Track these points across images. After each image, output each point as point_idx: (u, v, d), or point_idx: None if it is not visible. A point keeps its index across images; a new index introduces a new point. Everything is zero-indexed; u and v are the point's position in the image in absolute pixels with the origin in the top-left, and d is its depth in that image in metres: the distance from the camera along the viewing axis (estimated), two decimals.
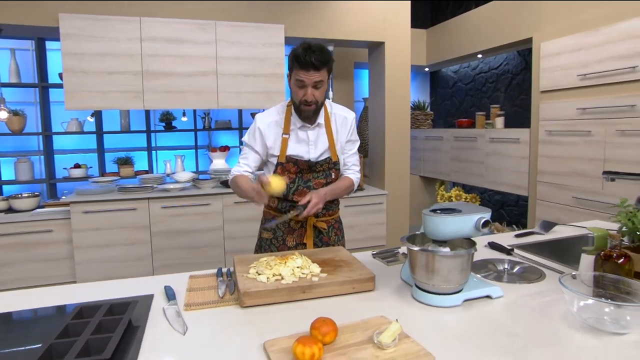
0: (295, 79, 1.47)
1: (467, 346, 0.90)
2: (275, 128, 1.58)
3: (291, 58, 1.46)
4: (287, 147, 1.57)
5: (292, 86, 1.51)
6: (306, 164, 1.57)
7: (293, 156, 1.57)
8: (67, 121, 3.63)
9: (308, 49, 1.42)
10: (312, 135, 1.59)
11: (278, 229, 1.65)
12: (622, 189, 2.57)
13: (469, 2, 4.55)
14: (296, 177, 1.59)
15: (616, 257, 1.07)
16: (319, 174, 1.61)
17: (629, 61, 2.53)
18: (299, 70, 1.44)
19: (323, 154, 1.61)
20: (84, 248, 2.94)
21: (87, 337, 0.89)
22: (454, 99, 5.20)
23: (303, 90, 1.47)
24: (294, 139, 1.57)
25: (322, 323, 0.88)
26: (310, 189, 1.59)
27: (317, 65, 1.42)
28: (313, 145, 1.58)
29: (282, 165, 1.58)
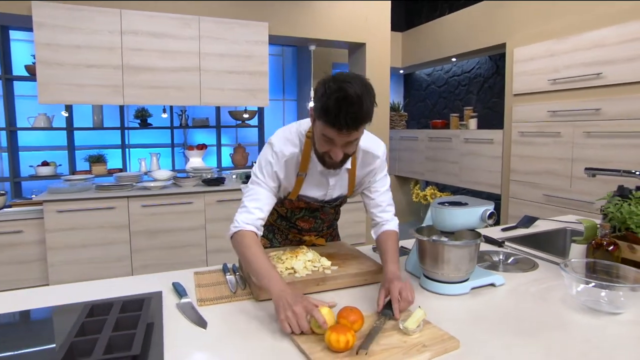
0: (321, 132, 1.07)
1: (483, 330, 0.95)
2: (291, 162, 1.22)
3: (319, 104, 1.03)
4: (300, 187, 1.28)
5: (317, 134, 1.10)
6: (319, 205, 1.35)
7: (306, 197, 1.31)
8: (34, 116, 3.43)
9: (344, 101, 0.98)
10: (332, 180, 1.28)
11: (275, 238, 1.48)
12: (589, 187, 2.76)
13: (444, 7, 4.73)
14: (303, 209, 1.39)
15: (606, 245, 1.16)
16: (326, 208, 1.39)
17: (595, 68, 2.73)
18: (327, 125, 1.03)
19: (339, 196, 1.36)
20: (58, 249, 2.79)
21: (109, 335, 0.86)
22: (427, 101, 5.37)
23: (329, 146, 1.09)
24: (310, 181, 1.27)
25: (350, 312, 0.90)
26: (317, 218, 1.41)
27: (354, 126, 1.01)
28: (332, 190, 1.31)
29: (290, 201, 1.33)
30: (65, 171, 3.64)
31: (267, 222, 1.44)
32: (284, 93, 4.81)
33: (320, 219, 1.43)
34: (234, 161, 4.24)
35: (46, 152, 3.69)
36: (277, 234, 1.50)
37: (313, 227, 1.45)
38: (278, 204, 1.36)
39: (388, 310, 0.96)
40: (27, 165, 3.51)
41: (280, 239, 1.50)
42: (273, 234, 1.51)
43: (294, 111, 4.91)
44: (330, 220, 1.50)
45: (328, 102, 0.99)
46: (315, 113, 1.06)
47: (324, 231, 1.52)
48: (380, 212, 1.31)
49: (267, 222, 1.38)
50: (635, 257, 1.14)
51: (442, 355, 0.84)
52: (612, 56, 2.62)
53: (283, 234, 1.49)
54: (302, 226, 1.43)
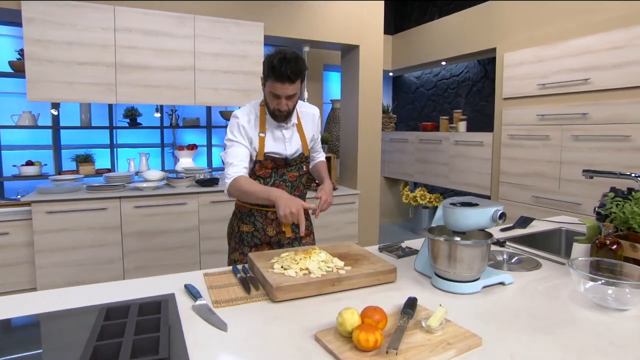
0: (269, 90, 1.48)
1: (499, 327, 0.97)
2: (253, 125, 1.58)
3: (266, 66, 1.46)
4: (264, 146, 1.58)
5: (267, 94, 1.52)
6: (283, 161, 1.63)
7: (271, 154, 1.60)
8: (18, 114, 3.32)
9: (283, 59, 1.41)
10: (287, 134, 1.63)
11: (257, 220, 1.66)
12: (576, 188, 2.86)
13: (433, 11, 4.81)
14: (272, 172, 1.63)
15: (609, 244, 1.21)
16: (292, 167, 1.67)
17: (582, 74, 2.83)
18: (274, 81, 1.44)
19: (297, 151, 1.67)
20: (47, 251, 2.71)
21: (132, 338, 0.85)
22: (416, 104, 5.45)
23: (277, 100, 1.49)
24: (270, 137, 1.60)
25: (374, 311, 0.91)
26: (286, 182, 1.66)
27: (293, 77, 1.43)
28: (289, 143, 1.63)
29: (260, 163, 1.60)
30: (51, 171, 3.54)
31: (246, 207, 1.67)
32: None
33: (289, 182, 1.66)
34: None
35: (30, 151, 3.57)
36: (257, 216, 1.66)
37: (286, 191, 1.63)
38: (252, 176, 1.61)
39: (409, 310, 0.98)
40: (9, 165, 3.40)
41: (262, 220, 1.66)
42: (254, 218, 1.67)
43: None
44: (298, 187, 1.71)
45: (273, 61, 1.42)
46: (263, 76, 1.49)
47: None
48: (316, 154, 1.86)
49: (246, 207, 1.67)
50: (637, 255, 1.19)
51: (466, 352, 0.86)
52: (599, 63, 2.73)
53: (262, 213, 1.66)
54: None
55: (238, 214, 1.73)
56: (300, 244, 1.73)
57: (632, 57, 2.55)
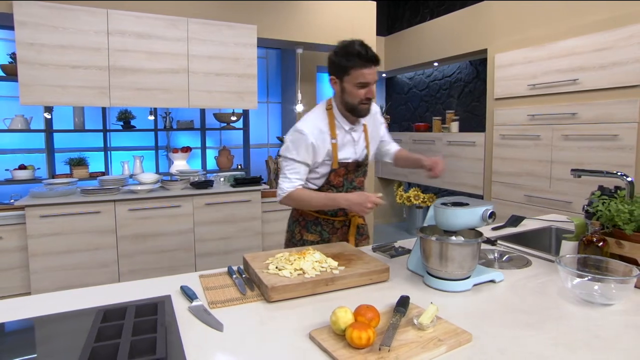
0: (357, 80, 1.41)
1: (490, 324, 1.00)
2: (325, 136, 1.52)
3: (346, 58, 1.40)
4: (337, 153, 1.54)
5: (350, 87, 1.44)
6: (354, 165, 1.59)
7: (343, 160, 1.56)
8: (11, 118, 3.30)
9: (363, 45, 1.40)
10: (355, 136, 1.59)
11: (323, 230, 1.65)
12: (567, 187, 2.91)
13: (425, 13, 4.85)
14: (344, 180, 1.60)
15: (596, 241, 1.24)
16: (359, 172, 1.64)
17: (571, 74, 2.87)
18: (361, 68, 1.39)
19: (363, 152, 1.63)
20: (41, 255, 2.70)
21: (130, 339, 0.86)
22: (409, 104, 5.49)
23: (366, 89, 1.44)
24: (341, 143, 1.55)
25: (367, 309, 0.93)
26: (355, 188, 1.63)
27: (378, 59, 1.41)
28: (357, 145, 1.60)
29: (334, 172, 1.56)
30: (44, 175, 3.52)
31: (312, 216, 1.65)
32: (268, 95, 4.81)
33: (357, 189, 1.64)
34: (218, 164, 4.21)
35: (23, 155, 3.55)
36: (324, 225, 1.66)
37: None
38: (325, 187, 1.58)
39: (402, 308, 1.00)
40: (2, 169, 3.38)
41: (328, 229, 1.66)
42: (320, 227, 1.66)
43: (279, 114, 4.92)
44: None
45: (355, 49, 1.38)
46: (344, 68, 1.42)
47: None
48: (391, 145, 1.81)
49: (312, 216, 1.65)
50: (623, 251, 1.22)
51: (457, 348, 0.88)
52: (586, 63, 2.78)
53: (329, 222, 1.66)
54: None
55: (302, 222, 1.68)
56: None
57: (617, 58, 2.60)
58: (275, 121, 4.91)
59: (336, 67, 1.45)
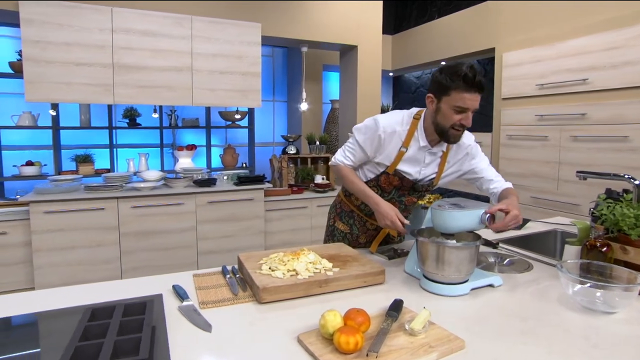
0: (455, 103, 1.30)
1: (485, 330, 0.97)
2: (395, 139, 1.45)
3: (451, 77, 1.29)
4: (399, 161, 1.46)
5: (447, 109, 1.33)
6: (410, 183, 1.51)
7: (402, 172, 1.48)
8: (18, 114, 3.34)
9: (473, 68, 1.27)
10: (427, 159, 1.48)
11: (354, 224, 1.65)
12: (575, 189, 2.84)
13: (432, 12, 4.79)
14: (393, 190, 1.53)
15: (600, 246, 1.20)
16: (415, 193, 1.56)
17: (580, 74, 2.81)
18: (463, 92, 1.28)
19: (428, 177, 1.52)
20: (45, 251, 2.72)
21: (114, 339, 0.85)
22: (416, 103, 5.44)
23: (462, 114, 1.33)
24: (409, 156, 1.46)
25: (357, 313, 0.91)
26: (402, 204, 1.56)
27: (484, 87, 1.30)
28: (424, 168, 1.49)
29: (387, 175, 1.50)
30: (51, 171, 3.55)
31: (349, 207, 1.65)
32: (274, 94, 4.80)
33: (404, 205, 1.57)
34: (223, 162, 4.21)
35: (30, 152, 3.59)
36: (356, 220, 1.65)
37: None
38: (372, 182, 1.53)
39: (394, 312, 0.97)
40: (9, 165, 3.42)
41: (359, 226, 1.65)
42: (353, 220, 1.65)
43: (284, 112, 4.91)
44: (409, 211, 1.64)
45: (462, 70, 1.27)
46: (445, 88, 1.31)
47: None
48: (493, 184, 1.55)
49: (348, 207, 1.65)
50: (628, 257, 1.18)
51: (448, 355, 0.85)
52: (597, 63, 2.70)
53: (362, 220, 1.64)
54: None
55: (338, 209, 1.69)
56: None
57: (628, 58, 2.53)
58: (281, 120, 4.90)
59: (437, 86, 1.35)
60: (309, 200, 3.54)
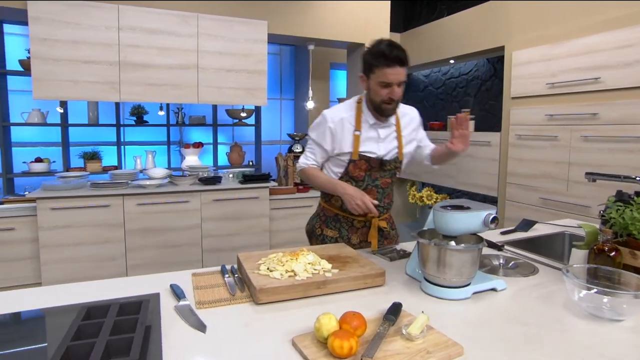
0: (379, 79, 1.43)
1: (485, 336, 0.94)
2: (345, 124, 1.55)
3: (372, 56, 1.43)
4: (359, 144, 1.55)
5: (374, 86, 1.47)
6: (377, 161, 1.58)
7: (365, 153, 1.56)
8: (28, 112, 3.38)
9: (391, 45, 1.40)
10: (382, 133, 1.59)
11: (342, 227, 1.66)
12: (586, 191, 2.78)
13: (442, 9, 4.73)
14: (365, 176, 1.59)
15: (608, 250, 1.16)
16: (385, 172, 1.62)
17: (592, 73, 2.74)
18: (384, 68, 1.40)
19: (391, 152, 1.61)
20: (51, 247, 2.75)
21: (107, 339, 0.84)
22: (424, 102, 5.38)
23: (388, 89, 1.44)
24: (365, 136, 1.56)
25: (353, 317, 0.89)
26: (378, 187, 1.61)
27: (404, 60, 1.41)
28: (382, 142, 1.58)
29: (354, 163, 1.56)
30: (59, 168, 3.59)
31: (332, 212, 1.67)
32: (281, 92, 4.79)
33: (381, 189, 1.62)
34: (230, 160, 4.22)
35: (40, 148, 3.64)
36: (343, 222, 1.66)
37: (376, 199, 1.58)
38: (345, 177, 1.59)
39: (391, 316, 0.95)
40: (20, 161, 3.46)
41: (347, 227, 1.66)
42: (340, 223, 1.67)
43: (292, 110, 4.89)
44: (389, 195, 1.68)
45: (380, 48, 1.40)
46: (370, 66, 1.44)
47: (384, 208, 1.66)
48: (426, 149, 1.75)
49: (332, 212, 1.67)
50: (637, 263, 1.14)
51: None
52: (609, 61, 2.63)
53: (348, 221, 1.66)
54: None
55: (322, 217, 1.71)
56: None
57: None
58: (288, 118, 4.89)
59: (365, 66, 1.48)
60: (315, 199, 3.52)
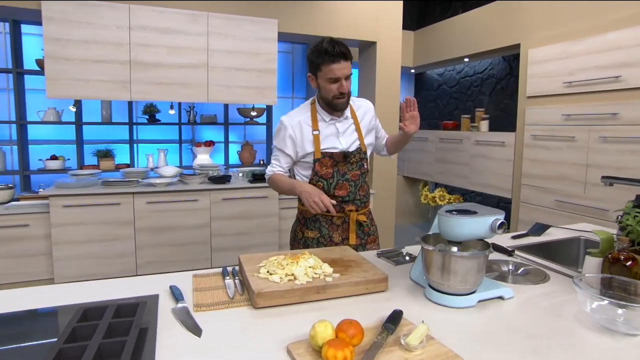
0: (327, 76, 1.49)
1: (490, 347, 0.90)
2: (303, 127, 1.61)
3: (316, 55, 1.48)
4: (319, 143, 1.59)
5: (323, 83, 1.52)
6: (341, 155, 1.61)
7: (327, 150, 1.60)
8: (44, 110, 3.44)
9: (331, 41, 1.47)
10: (340, 128, 1.63)
11: (322, 226, 1.66)
12: (604, 193, 2.68)
13: (457, 7, 4.63)
14: (333, 172, 1.62)
15: (624, 259, 1.10)
16: (353, 165, 1.64)
17: (613, 71, 2.63)
18: (330, 64, 1.46)
19: (353, 144, 1.64)
20: (63, 244, 2.80)
21: (99, 342, 0.83)
22: (438, 102, 5.29)
23: (337, 84, 1.50)
24: (324, 133, 1.61)
25: (349, 325, 0.86)
26: (348, 181, 1.63)
27: (346, 54, 1.47)
28: (342, 136, 1.63)
29: (319, 161, 1.60)
30: (74, 165, 3.66)
31: (310, 214, 1.67)
32: (293, 90, 4.77)
33: (352, 182, 1.64)
34: (241, 159, 4.22)
35: (55, 146, 3.71)
36: (322, 222, 1.67)
37: (350, 194, 1.64)
38: (315, 178, 1.62)
39: (390, 325, 0.92)
40: (36, 159, 3.54)
41: (327, 225, 1.67)
42: (319, 223, 1.67)
43: None
44: (362, 187, 1.69)
45: (323, 47, 1.46)
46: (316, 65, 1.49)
47: (360, 201, 1.68)
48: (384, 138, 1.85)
49: (310, 214, 1.67)
50: None
51: None
52: (631, 59, 2.53)
53: (327, 219, 1.66)
54: (340, 194, 1.63)
55: (302, 220, 1.72)
56: (365, 249, 1.70)
57: None
58: None
59: (311, 65, 1.54)
60: None
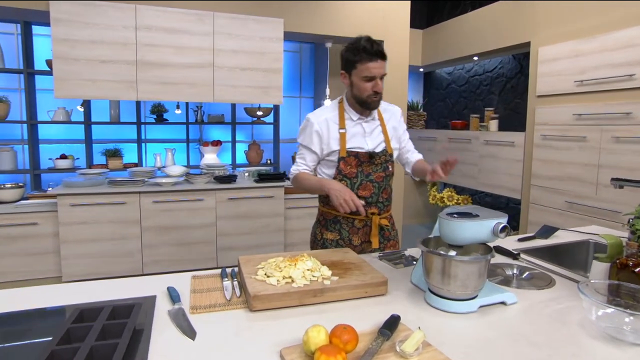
0: (363, 74, 1.48)
1: (489, 356, 0.87)
2: (330, 124, 1.60)
3: (353, 52, 1.48)
4: (345, 141, 1.59)
5: (358, 81, 1.51)
6: (367, 155, 1.60)
7: (353, 149, 1.59)
8: (54, 110, 3.49)
9: (370, 40, 1.46)
10: (367, 128, 1.63)
11: (342, 228, 1.64)
12: (616, 195, 2.61)
13: (466, 5, 4.57)
14: (357, 172, 1.60)
15: (633, 265, 1.06)
16: (377, 167, 1.63)
17: (626, 69, 2.56)
18: (367, 62, 1.45)
19: (379, 145, 1.63)
20: (71, 242, 2.83)
21: (92, 344, 0.83)
22: (447, 101, 5.22)
23: (372, 82, 1.49)
24: (350, 133, 1.61)
25: (343, 331, 0.84)
26: (372, 182, 1.62)
27: (384, 54, 1.47)
28: (369, 137, 1.62)
29: (344, 160, 1.59)
30: (83, 164, 3.70)
31: (331, 215, 1.66)
32: (300, 90, 4.76)
33: (376, 183, 1.62)
34: (248, 158, 4.23)
35: (65, 145, 3.75)
36: (343, 223, 1.65)
37: (373, 195, 1.61)
38: (338, 177, 1.60)
39: (387, 330, 0.90)
40: (46, 158, 3.59)
41: (348, 228, 1.65)
42: (340, 225, 1.65)
43: (311, 109, 4.85)
44: (385, 190, 1.66)
45: (361, 44, 1.46)
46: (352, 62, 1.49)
47: (383, 204, 1.66)
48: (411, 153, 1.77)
49: (331, 215, 1.66)
50: None
51: None
52: None
53: (348, 221, 1.64)
54: (364, 195, 1.60)
55: (322, 221, 1.71)
56: None
57: None
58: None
59: (345, 62, 1.53)
60: None
